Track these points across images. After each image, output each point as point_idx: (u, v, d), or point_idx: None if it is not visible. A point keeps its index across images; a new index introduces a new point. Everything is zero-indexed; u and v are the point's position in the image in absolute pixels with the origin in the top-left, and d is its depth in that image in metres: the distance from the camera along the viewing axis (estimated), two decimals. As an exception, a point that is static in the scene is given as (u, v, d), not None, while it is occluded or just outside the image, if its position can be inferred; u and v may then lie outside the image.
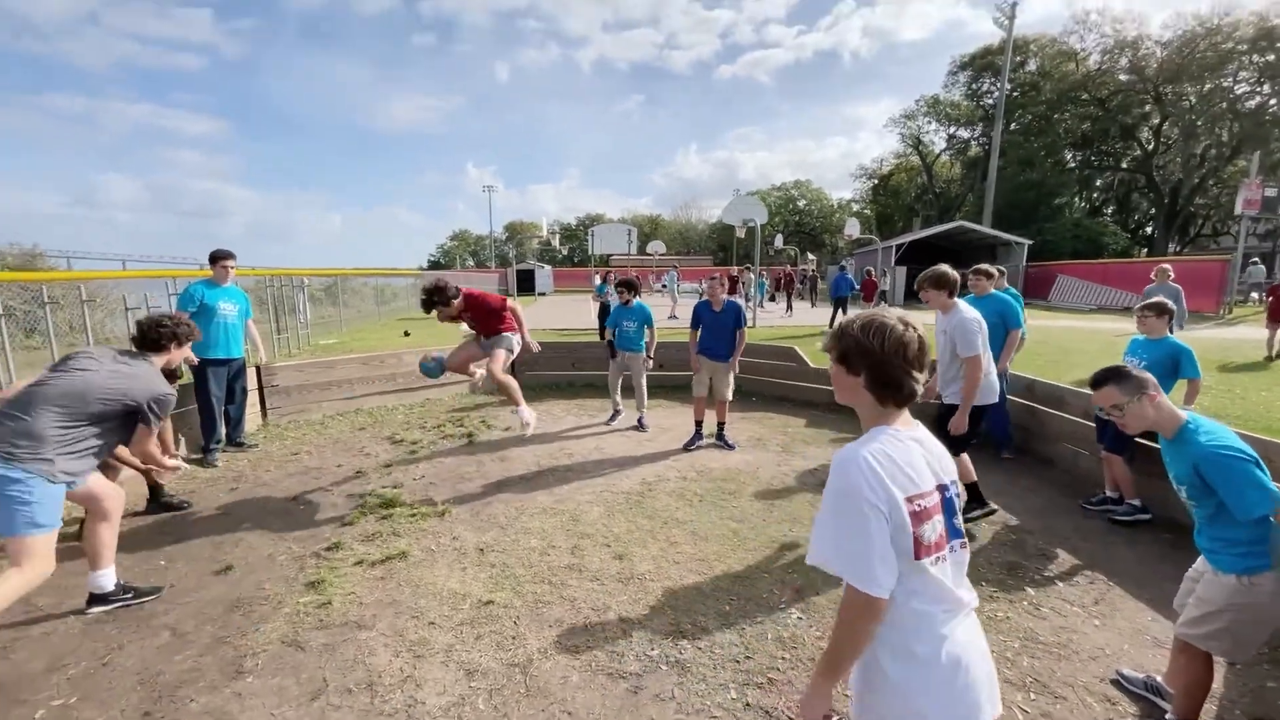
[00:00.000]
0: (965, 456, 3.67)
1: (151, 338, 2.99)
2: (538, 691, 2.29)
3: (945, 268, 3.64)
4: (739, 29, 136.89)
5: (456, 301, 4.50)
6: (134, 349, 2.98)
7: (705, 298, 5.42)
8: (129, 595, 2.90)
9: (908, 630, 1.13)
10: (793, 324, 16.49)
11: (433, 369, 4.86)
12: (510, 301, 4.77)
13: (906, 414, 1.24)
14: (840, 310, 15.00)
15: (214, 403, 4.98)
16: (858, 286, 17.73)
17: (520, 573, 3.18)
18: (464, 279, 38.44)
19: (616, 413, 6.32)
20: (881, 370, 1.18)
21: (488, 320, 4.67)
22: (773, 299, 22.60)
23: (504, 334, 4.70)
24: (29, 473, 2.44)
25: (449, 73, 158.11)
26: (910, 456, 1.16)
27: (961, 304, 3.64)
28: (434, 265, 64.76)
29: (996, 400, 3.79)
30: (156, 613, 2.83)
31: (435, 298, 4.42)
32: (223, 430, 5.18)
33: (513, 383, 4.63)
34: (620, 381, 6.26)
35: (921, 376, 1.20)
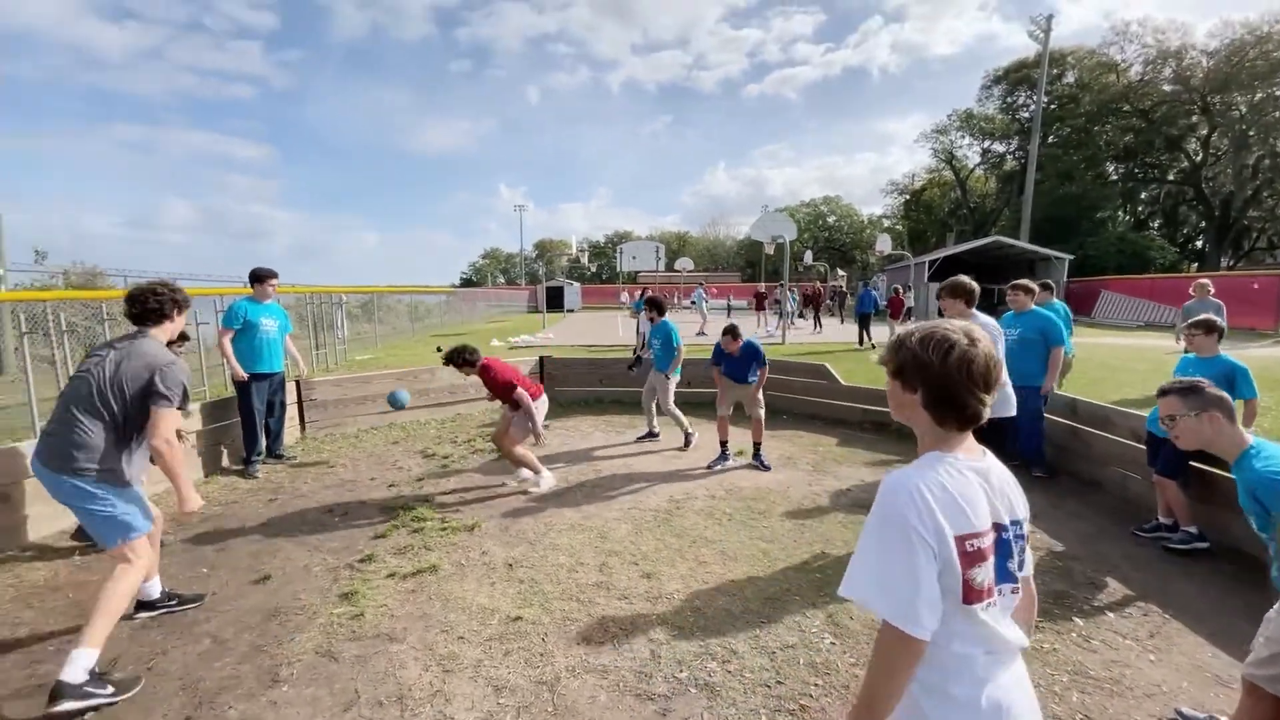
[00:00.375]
0: None
1: (151, 308, 2.74)
2: (565, 710, 2.27)
3: (963, 277, 3.70)
4: (767, 48, 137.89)
5: (474, 369, 4.61)
6: (134, 329, 2.75)
7: (722, 346, 5.27)
8: (173, 602, 3.00)
9: (947, 671, 1.04)
10: (821, 340, 16.27)
11: (398, 401, 5.55)
12: (520, 392, 4.51)
13: (971, 439, 1.13)
14: (864, 327, 14.98)
15: (256, 416, 5.16)
16: (884, 303, 17.60)
17: (549, 589, 3.18)
18: (494, 295, 39.16)
19: (652, 433, 6.20)
20: (941, 388, 1.07)
21: (496, 393, 4.66)
22: (801, 315, 22.42)
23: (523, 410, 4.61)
24: (100, 484, 2.48)
25: (482, 97, 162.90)
26: (969, 490, 1.05)
27: (979, 314, 3.65)
28: (466, 283, 66.21)
29: (1013, 414, 3.71)
30: (199, 620, 2.92)
31: (456, 359, 4.61)
32: (263, 442, 5.35)
33: (527, 456, 4.66)
34: (653, 401, 6.17)
35: (989, 398, 1.09)
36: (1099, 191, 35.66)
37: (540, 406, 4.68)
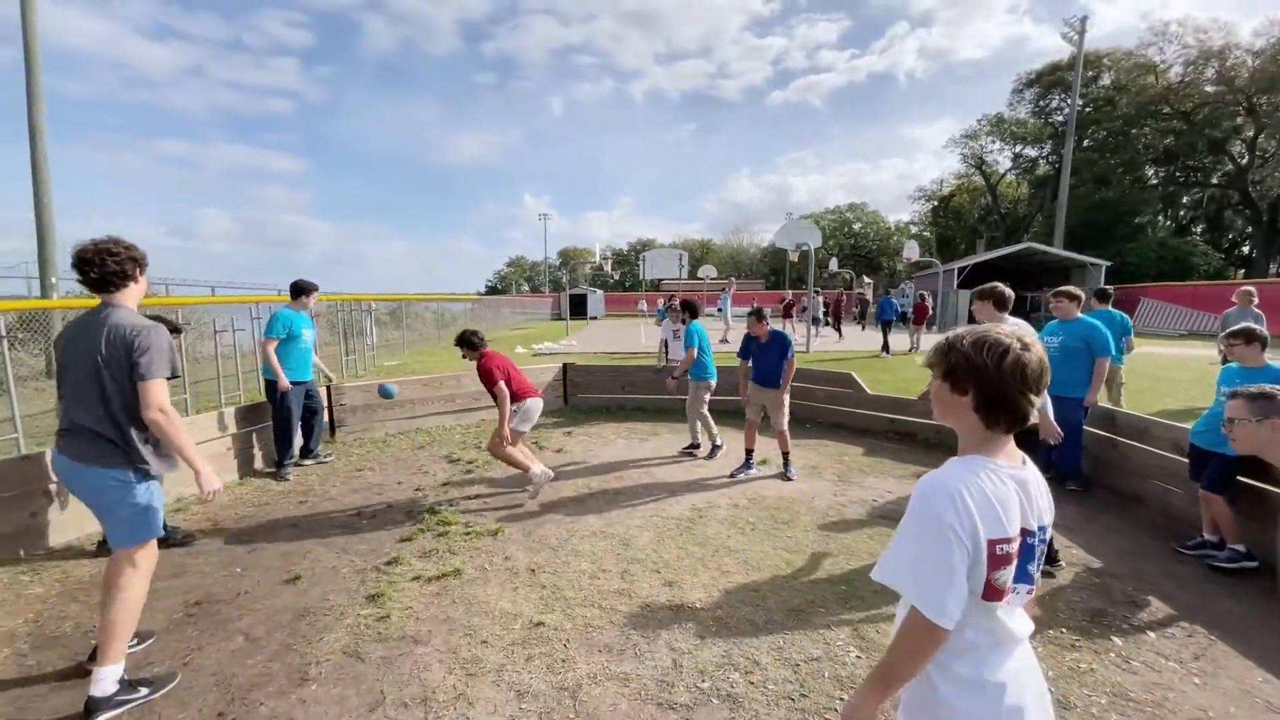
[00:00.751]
0: None
1: (112, 270, 2.37)
2: (587, 718, 2.27)
3: (997, 284, 3.69)
4: (791, 55, 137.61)
5: (475, 353, 4.64)
6: (101, 301, 2.44)
7: (750, 331, 5.28)
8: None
9: (953, 653, 1.12)
10: (844, 348, 16.07)
11: (387, 393, 5.77)
12: (499, 386, 4.50)
13: (1012, 444, 1.17)
14: (885, 334, 15.13)
15: (293, 422, 5.33)
16: (907, 310, 17.51)
17: (570, 595, 3.19)
18: (518, 303, 39.57)
19: (695, 445, 6.01)
20: (994, 390, 1.10)
21: (483, 383, 4.67)
22: (826, 323, 22.20)
23: (521, 403, 4.65)
24: (125, 474, 2.36)
25: (508, 108, 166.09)
26: (1006, 496, 1.09)
27: (1010, 318, 3.60)
28: (491, 290, 67.15)
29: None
30: (232, 617, 3.00)
31: (463, 340, 4.68)
32: (296, 447, 5.51)
33: (514, 455, 4.62)
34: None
35: (1038, 400, 1.13)
36: (1138, 196, 34.58)
37: (529, 409, 4.69)
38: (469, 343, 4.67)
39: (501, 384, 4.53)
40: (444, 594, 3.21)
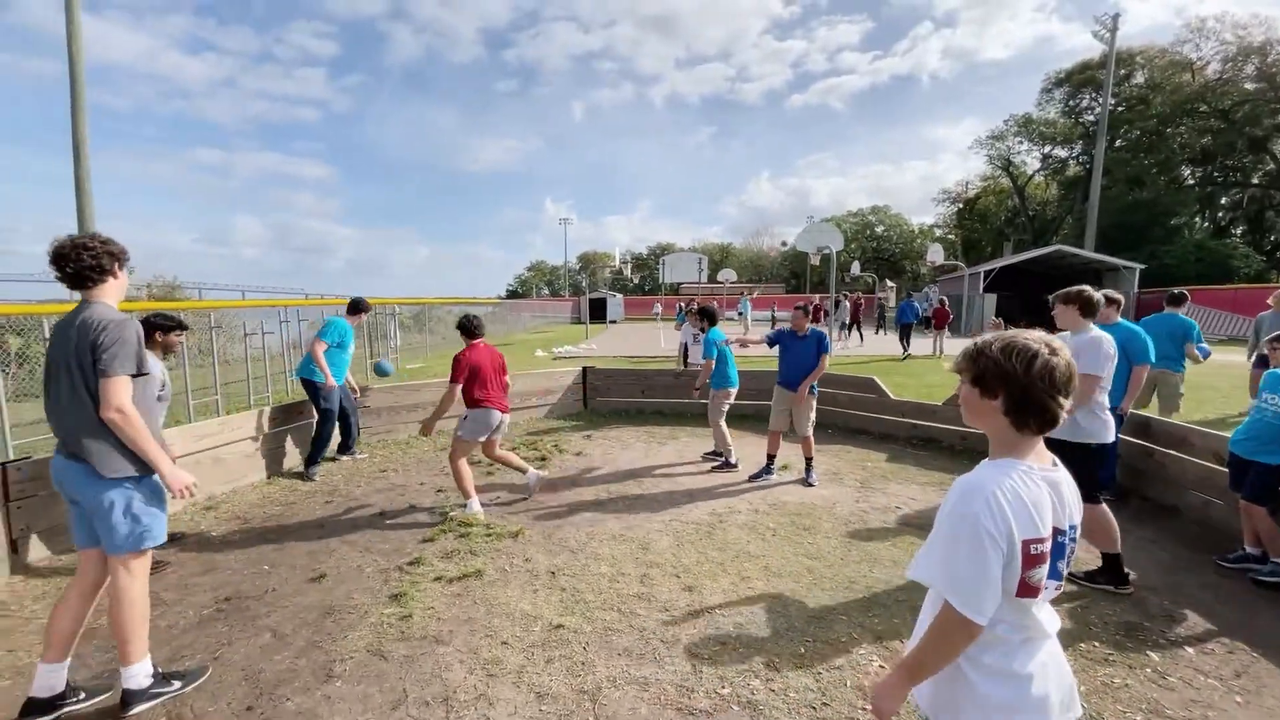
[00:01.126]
0: (1112, 521, 3.29)
1: (88, 265, 2.22)
2: (606, 721, 2.27)
3: (1086, 288, 3.43)
4: (811, 58, 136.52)
5: (466, 342, 4.54)
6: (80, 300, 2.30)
7: (789, 326, 5.18)
8: (78, 697, 2.40)
9: (984, 646, 1.16)
10: (865, 353, 15.86)
11: (383, 370, 6.32)
12: (451, 386, 4.37)
13: (1042, 446, 1.20)
14: (905, 338, 15.13)
15: (334, 421, 5.58)
16: (928, 313, 17.34)
17: (590, 598, 3.20)
18: (538, 307, 39.88)
19: (717, 452, 5.79)
20: (1024, 394, 1.14)
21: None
22: (847, 327, 21.95)
23: (477, 410, 4.41)
24: (128, 475, 2.26)
25: (529, 114, 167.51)
26: (1039, 498, 1.13)
27: (1094, 326, 3.40)
28: (512, 294, 67.79)
29: (1113, 440, 3.46)
30: (260, 614, 3.07)
31: (460, 325, 4.64)
32: (337, 443, 5.85)
33: (461, 469, 4.40)
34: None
35: (1067, 403, 1.16)
36: (1173, 197, 33.57)
37: (481, 418, 4.42)
38: (463, 328, 4.60)
39: (457, 385, 4.36)
40: (465, 595, 3.24)
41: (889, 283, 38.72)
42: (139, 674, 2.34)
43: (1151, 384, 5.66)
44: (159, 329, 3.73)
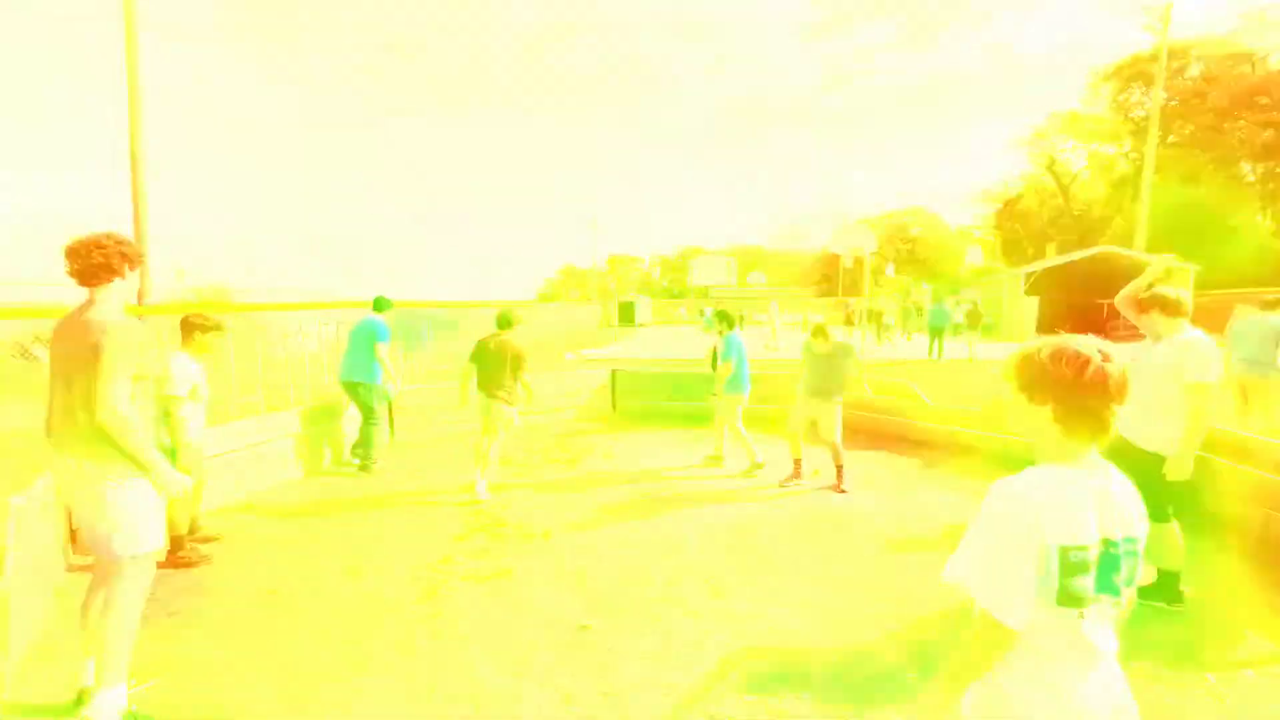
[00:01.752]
0: (1176, 532, 3.09)
1: (97, 263, 2.19)
2: (632, 724, 2.26)
3: (1152, 285, 3.22)
4: (846, 58, 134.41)
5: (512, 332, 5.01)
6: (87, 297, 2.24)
7: (811, 343, 5.09)
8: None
9: (1022, 655, 1.12)
10: (898, 356, 15.50)
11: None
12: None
13: (1094, 453, 1.15)
14: (937, 341, 14.78)
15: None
16: (959, 318, 16.87)
17: (618, 601, 3.19)
18: (567, 310, 40.18)
19: (759, 461, 5.58)
20: (1076, 402, 1.11)
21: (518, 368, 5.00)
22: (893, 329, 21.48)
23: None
24: (129, 478, 2.17)
25: (559, 116, 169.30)
26: (1082, 504, 1.10)
27: (1190, 329, 3.08)
28: (541, 297, 68.52)
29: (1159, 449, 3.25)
30: (296, 608, 3.16)
31: (502, 319, 5.05)
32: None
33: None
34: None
35: (1119, 410, 1.12)
36: (1232, 194, 31.86)
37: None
38: (510, 322, 4.99)
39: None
40: (494, 594, 3.28)
41: (925, 285, 37.76)
42: (109, 705, 2.13)
43: (1243, 390, 5.56)
44: (198, 329, 3.79)
